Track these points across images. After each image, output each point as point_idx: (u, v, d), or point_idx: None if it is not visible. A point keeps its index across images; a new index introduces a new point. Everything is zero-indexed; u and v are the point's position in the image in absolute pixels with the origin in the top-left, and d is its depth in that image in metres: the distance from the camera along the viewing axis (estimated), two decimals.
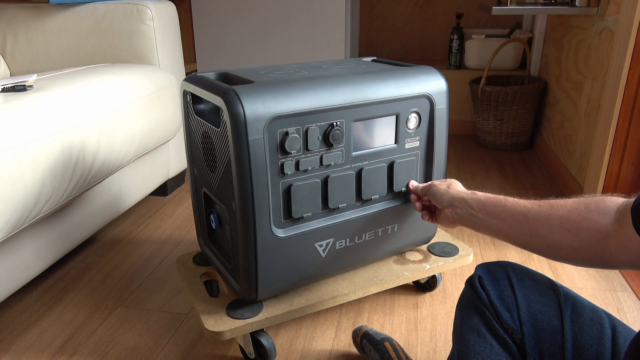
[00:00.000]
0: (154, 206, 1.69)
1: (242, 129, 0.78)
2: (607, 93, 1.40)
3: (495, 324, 0.64)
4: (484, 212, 0.75)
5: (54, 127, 1.03)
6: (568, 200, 0.65)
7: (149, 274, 1.30)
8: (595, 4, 1.58)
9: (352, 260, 1.01)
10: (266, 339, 0.94)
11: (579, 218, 0.61)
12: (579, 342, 0.60)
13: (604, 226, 0.59)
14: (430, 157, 1.01)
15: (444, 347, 1.01)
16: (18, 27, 1.58)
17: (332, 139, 0.87)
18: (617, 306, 1.13)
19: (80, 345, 1.04)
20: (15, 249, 1.07)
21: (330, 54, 2.39)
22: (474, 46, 2.43)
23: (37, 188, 0.98)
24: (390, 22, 2.92)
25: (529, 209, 0.67)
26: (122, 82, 1.30)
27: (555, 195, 1.71)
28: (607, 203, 0.61)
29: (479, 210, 0.76)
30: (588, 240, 0.60)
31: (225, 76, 0.97)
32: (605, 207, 0.60)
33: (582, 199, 0.64)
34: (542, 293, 0.66)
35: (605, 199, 0.62)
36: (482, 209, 0.75)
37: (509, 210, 0.70)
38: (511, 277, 0.68)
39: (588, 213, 0.61)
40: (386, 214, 0.99)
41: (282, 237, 0.88)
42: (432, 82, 0.96)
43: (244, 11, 2.41)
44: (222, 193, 0.90)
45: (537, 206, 0.67)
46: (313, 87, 0.85)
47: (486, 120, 2.21)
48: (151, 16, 1.53)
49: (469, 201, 0.78)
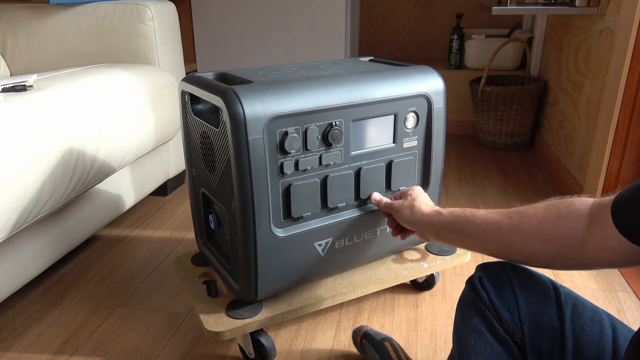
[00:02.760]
0: (154, 206, 1.70)
1: (241, 129, 0.78)
2: (607, 93, 1.40)
3: (496, 324, 0.64)
4: (453, 233, 0.75)
5: (54, 127, 1.03)
6: (537, 207, 0.64)
7: (149, 274, 1.30)
8: (595, 4, 1.58)
9: (351, 260, 1.01)
10: (266, 338, 0.94)
11: (553, 226, 0.61)
12: (579, 342, 0.60)
13: (579, 231, 0.59)
14: (428, 157, 1.01)
15: (444, 347, 1.01)
16: (18, 27, 1.58)
17: (331, 139, 0.87)
18: (617, 306, 1.13)
19: (80, 345, 1.05)
20: (15, 249, 1.07)
21: (330, 54, 2.39)
22: (474, 46, 2.43)
23: (37, 188, 0.98)
24: (390, 22, 2.92)
25: (500, 222, 0.67)
26: (122, 82, 1.30)
27: (556, 195, 1.71)
28: (578, 206, 0.61)
29: (449, 232, 0.75)
30: (565, 248, 0.60)
31: (224, 76, 0.97)
32: (576, 210, 0.60)
33: (551, 204, 0.63)
34: (542, 293, 0.66)
35: (574, 202, 0.62)
36: (452, 230, 0.75)
37: (479, 227, 0.69)
38: (511, 277, 0.67)
39: (560, 220, 0.61)
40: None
41: (281, 237, 0.88)
42: (429, 81, 0.96)
43: (244, 11, 2.41)
44: (221, 193, 0.90)
45: (508, 218, 0.66)
46: (312, 87, 0.85)
47: (486, 120, 2.21)
48: (151, 16, 1.53)
49: (436, 224, 0.78)
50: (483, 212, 0.70)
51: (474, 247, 0.73)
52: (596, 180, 1.44)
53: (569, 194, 1.78)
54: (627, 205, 0.54)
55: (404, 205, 0.87)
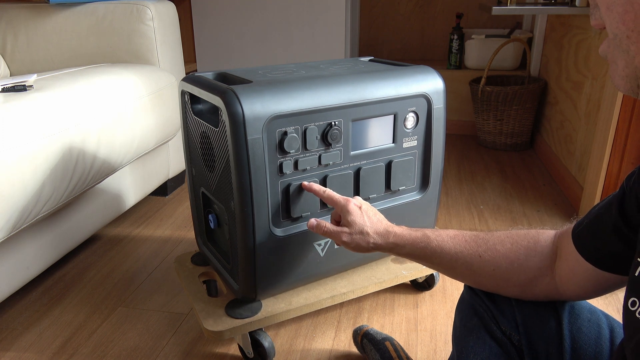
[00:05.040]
0: (154, 206, 1.70)
1: (241, 129, 0.78)
2: (607, 93, 1.40)
3: (494, 325, 0.64)
4: (414, 259, 0.73)
5: (54, 127, 1.03)
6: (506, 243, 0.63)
7: (149, 274, 1.30)
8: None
9: (351, 260, 1.01)
10: (265, 338, 0.94)
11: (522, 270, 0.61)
12: (577, 343, 0.60)
13: (547, 268, 0.60)
14: (427, 157, 1.01)
15: (444, 347, 1.01)
16: (18, 27, 1.58)
17: (330, 139, 0.87)
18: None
19: (80, 345, 1.05)
20: (15, 249, 1.07)
21: (330, 54, 2.39)
22: (474, 46, 2.43)
23: (37, 188, 0.98)
24: (390, 22, 2.92)
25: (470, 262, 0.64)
26: (122, 82, 1.30)
27: (555, 196, 1.71)
28: (542, 242, 0.62)
29: (410, 257, 0.73)
30: (537, 289, 0.62)
31: (224, 76, 0.97)
32: (541, 247, 0.61)
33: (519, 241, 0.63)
34: None
35: (539, 237, 0.62)
36: (411, 256, 0.73)
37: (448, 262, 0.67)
38: None
39: (528, 261, 0.61)
40: (384, 213, 0.99)
41: (281, 237, 0.88)
42: (429, 81, 0.96)
43: (244, 11, 2.41)
44: (221, 193, 0.90)
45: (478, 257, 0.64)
46: (312, 87, 0.85)
47: (486, 120, 2.21)
48: (151, 16, 1.53)
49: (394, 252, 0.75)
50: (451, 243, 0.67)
51: (440, 271, 0.72)
52: (596, 180, 1.44)
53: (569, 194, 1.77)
54: (588, 232, 0.56)
55: (352, 237, 0.76)
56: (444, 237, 0.68)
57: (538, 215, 1.57)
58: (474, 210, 1.62)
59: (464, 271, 0.66)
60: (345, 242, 0.77)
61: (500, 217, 1.56)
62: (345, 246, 0.77)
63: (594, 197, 1.44)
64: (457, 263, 0.66)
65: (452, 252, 0.66)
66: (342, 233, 0.77)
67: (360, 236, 0.75)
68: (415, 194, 1.03)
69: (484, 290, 0.66)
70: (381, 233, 0.75)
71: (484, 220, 1.55)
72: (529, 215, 1.57)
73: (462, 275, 0.67)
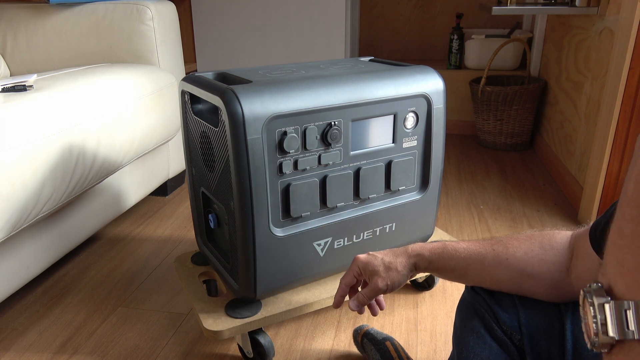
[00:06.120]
0: (154, 206, 1.70)
1: (240, 129, 0.78)
2: (607, 93, 1.40)
3: (494, 325, 0.64)
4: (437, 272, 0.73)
5: (54, 127, 1.03)
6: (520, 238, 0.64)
7: (149, 274, 1.30)
8: (595, 4, 1.58)
9: (350, 260, 1.01)
10: (264, 338, 0.94)
11: (536, 261, 0.62)
12: (579, 343, 0.60)
13: (562, 265, 0.60)
14: (427, 157, 1.01)
15: (444, 347, 1.01)
16: (18, 27, 1.59)
17: (330, 139, 0.87)
18: None
19: (80, 345, 1.05)
20: (15, 249, 1.07)
21: (330, 54, 2.39)
22: (474, 46, 2.43)
23: (37, 188, 0.98)
24: (390, 22, 2.92)
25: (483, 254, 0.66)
26: (122, 82, 1.31)
27: (555, 196, 1.71)
28: (558, 240, 0.62)
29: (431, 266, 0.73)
30: (549, 281, 0.61)
31: (223, 76, 0.97)
32: (557, 244, 0.61)
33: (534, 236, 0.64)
34: None
35: (555, 235, 0.63)
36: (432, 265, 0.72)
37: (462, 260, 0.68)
38: None
39: (544, 254, 0.61)
40: (384, 213, 0.99)
41: (280, 236, 0.88)
42: (429, 81, 0.96)
43: (244, 11, 2.41)
44: (221, 192, 0.90)
45: (492, 250, 0.65)
46: (311, 86, 0.85)
47: (486, 120, 2.21)
48: (151, 16, 1.53)
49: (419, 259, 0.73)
50: (465, 244, 0.69)
51: (456, 280, 0.72)
52: (596, 180, 1.44)
53: (569, 194, 1.77)
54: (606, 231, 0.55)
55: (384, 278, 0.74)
56: (459, 242, 0.71)
57: (538, 215, 1.57)
58: (474, 210, 1.62)
59: (477, 266, 0.66)
60: (386, 286, 0.75)
61: (500, 217, 1.56)
62: (389, 290, 0.75)
63: (594, 197, 1.44)
64: (471, 259, 0.67)
65: (466, 252, 0.68)
66: (376, 284, 0.75)
67: (388, 272, 0.74)
68: (415, 194, 1.03)
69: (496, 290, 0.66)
70: (398, 253, 0.75)
71: (484, 220, 1.54)
72: (529, 215, 1.57)
73: (476, 271, 0.67)
